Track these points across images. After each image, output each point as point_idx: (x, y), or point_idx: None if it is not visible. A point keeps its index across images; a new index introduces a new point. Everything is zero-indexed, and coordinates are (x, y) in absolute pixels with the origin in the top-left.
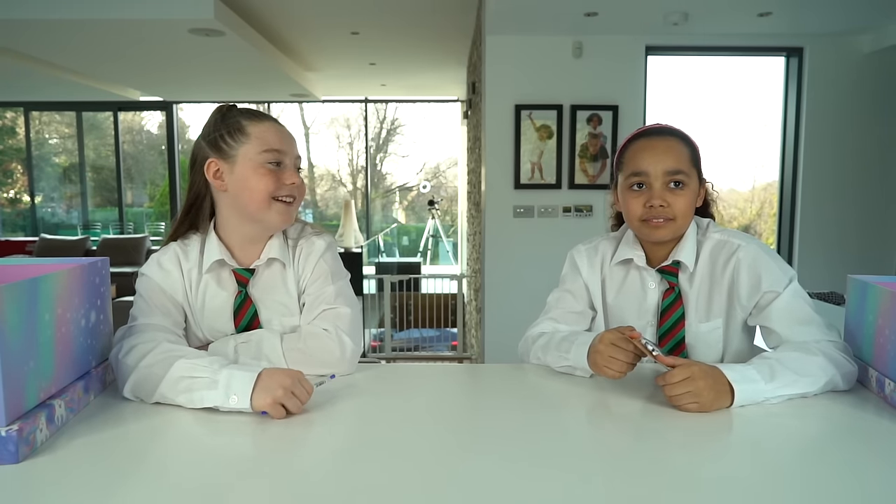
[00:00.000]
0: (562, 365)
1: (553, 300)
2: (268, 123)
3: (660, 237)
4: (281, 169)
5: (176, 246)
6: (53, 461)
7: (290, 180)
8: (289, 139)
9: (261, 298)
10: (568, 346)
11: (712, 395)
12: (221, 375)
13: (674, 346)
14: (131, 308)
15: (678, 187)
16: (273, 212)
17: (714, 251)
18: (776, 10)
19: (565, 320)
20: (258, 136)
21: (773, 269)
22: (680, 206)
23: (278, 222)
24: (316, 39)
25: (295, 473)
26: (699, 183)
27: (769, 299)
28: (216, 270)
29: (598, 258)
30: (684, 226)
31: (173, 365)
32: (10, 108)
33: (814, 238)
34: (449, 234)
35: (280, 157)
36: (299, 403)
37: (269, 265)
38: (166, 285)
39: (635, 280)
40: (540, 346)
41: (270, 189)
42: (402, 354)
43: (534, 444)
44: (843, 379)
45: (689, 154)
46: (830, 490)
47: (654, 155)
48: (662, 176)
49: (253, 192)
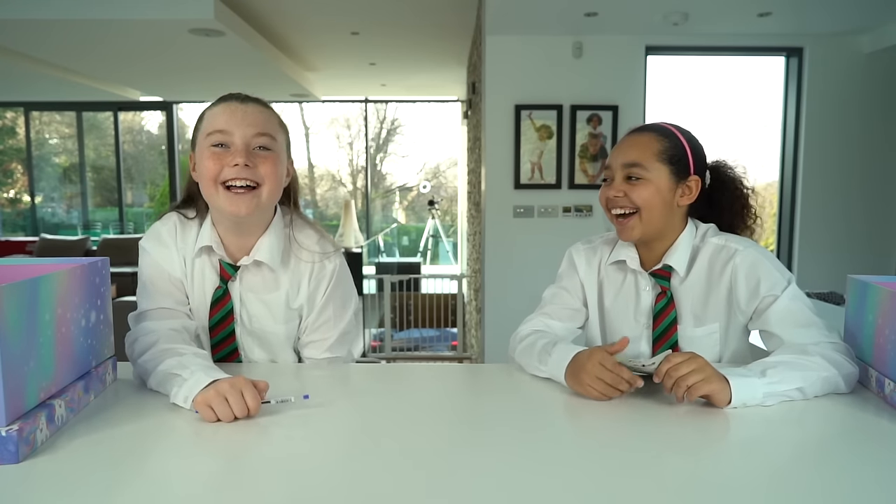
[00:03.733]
0: (539, 373)
1: (549, 295)
2: (222, 105)
3: (629, 237)
4: (224, 150)
5: (176, 218)
6: (53, 461)
7: (234, 161)
8: (241, 117)
9: (244, 296)
10: (545, 357)
11: (714, 374)
12: (189, 375)
13: (667, 350)
14: (137, 287)
15: (634, 180)
16: (221, 198)
17: (712, 256)
18: (776, 10)
19: (559, 316)
20: (207, 119)
21: (772, 273)
22: (637, 197)
23: (229, 211)
24: (316, 39)
25: (295, 473)
26: (675, 178)
27: (768, 303)
28: (206, 255)
29: (597, 259)
30: (653, 220)
31: (162, 362)
32: (10, 108)
33: (814, 238)
34: (449, 234)
35: (223, 138)
36: (228, 411)
37: (257, 266)
38: (165, 263)
39: (630, 283)
40: (522, 349)
41: (212, 173)
42: (402, 354)
43: (534, 445)
44: (843, 380)
45: (661, 148)
46: (831, 490)
47: (619, 150)
48: (621, 169)
49: (201, 177)
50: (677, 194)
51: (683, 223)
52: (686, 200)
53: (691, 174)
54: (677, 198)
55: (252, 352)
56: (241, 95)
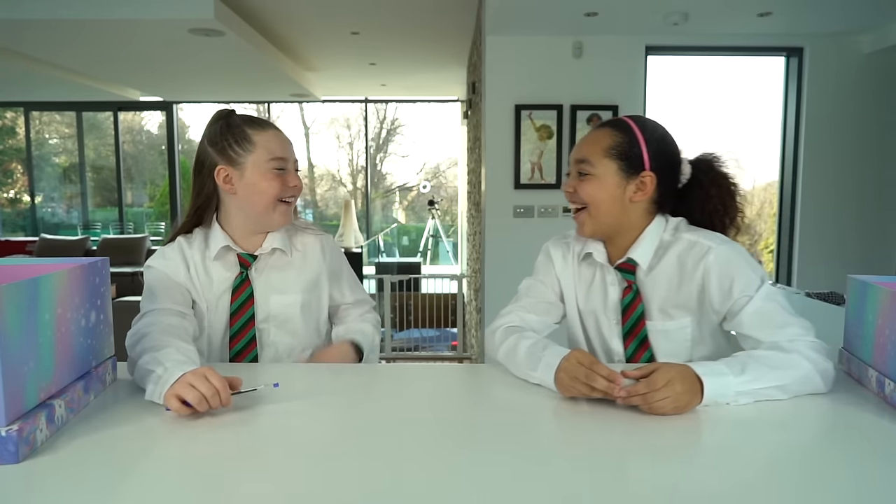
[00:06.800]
0: (530, 379)
1: (524, 288)
2: (271, 132)
3: (581, 232)
4: (285, 173)
5: (181, 238)
6: (53, 461)
7: (293, 183)
8: (289, 145)
9: (258, 280)
10: (535, 364)
11: (688, 396)
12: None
13: (638, 345)
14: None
15: (582, 176)
16: (277, 213)
17: (683, 253)
18: (776, 10)
19: (535, 310)
20: (264, 145)
21: (745, 273)
22: (584, 193)
23: (281, 221)
24: (316, 39)
25: (295, 473)
26: (625, 174)
27: (742, 305)
28: (223, 256)
29: (571, 253)
30: (602, 216)
31: (141, 357)
32: (10, 108)
33: (814, 238)
34: (449, 234)
35: (284, 164)
36: (196, 394)
37: (271, 253)
38: (169, 270)
39: (599, 277)
40: (505, 352)
41: (277, 192)
42: (402, 354)
43: (534, 444)
44: (821, 377)
45: (611, 144)
46: (831, 490)
47: (575, 146)
48: (574, 165)
49: (262, 195)
50: (629, 190)
51: (648, 218)
52: (641, 197)
53: (646, 170)
54: (629, 194)
55: (269, 334)
56: (272, 123)
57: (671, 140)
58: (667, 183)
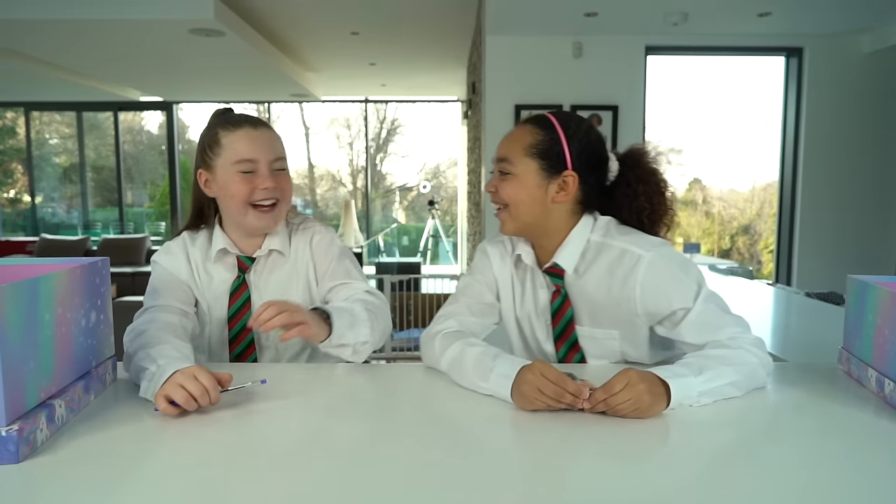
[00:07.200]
0: (479, 389)
1: (463, 286)
2: (240, 132)
3: (503, 231)
4: (254, 175)
5: (185, 234)
6: (53, 461)
7: (265, 185)
8: (262, 144)
9: (256, 283)
10: (485, 374)
11: (650, 398)
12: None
13: (569, 348)
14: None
15: (503, 175)
16: (250, 217)
17: (613, 263)
18: (776, 10)
19: (473, 311)
20: (229, 147)
21: (681, 282)
22: (503, 193)
23: (258, 226)
24: (316, 39)
25: (295, 472)
26: (546, 173)
27: (681, 316)
28: (222, 258)
29: (507, 254)
30: (522, 216)
31: (136, 354)
32: (10, 108)
33: (814, 238)
34: (449, 234)
35: (251, 167)
36: (184, 394)
37: (268, 255)
38: (172, 268)
39: (530, 279)
40: (449, 361)
41: (245, 196)
42: (403, 354)
43: (533, 444)
44: (764, 371)
45: (531, 142)
46: (831, 490)
47: (499, 143)
48: (495, 163)
49: (231, 198)
50: (551, 190)
51: (573, 219)
52: (563, 197)
53: (568, 169)
54: (552, 194)
55: (269, 336)
56: (251, 119)
57: (596, 137)
58: (591, 182)
